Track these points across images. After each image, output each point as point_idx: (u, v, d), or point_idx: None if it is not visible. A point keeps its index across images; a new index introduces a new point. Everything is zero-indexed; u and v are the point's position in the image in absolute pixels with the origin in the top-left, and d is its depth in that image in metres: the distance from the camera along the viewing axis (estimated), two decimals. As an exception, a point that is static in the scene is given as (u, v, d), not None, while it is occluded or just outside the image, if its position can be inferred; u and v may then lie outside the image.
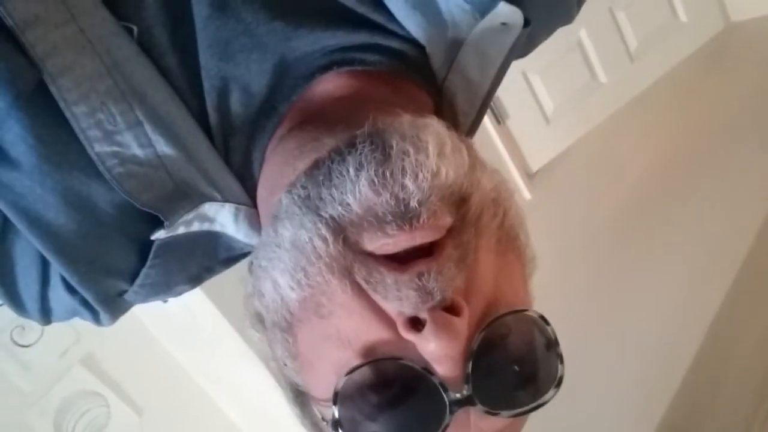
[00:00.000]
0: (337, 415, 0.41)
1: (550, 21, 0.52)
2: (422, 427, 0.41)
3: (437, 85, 0.50)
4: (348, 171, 0.40)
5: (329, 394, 0.41)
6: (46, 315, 0.50)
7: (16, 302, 0.50)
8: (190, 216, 0.48)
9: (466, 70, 0.49)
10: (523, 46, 0.50)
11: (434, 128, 0.41)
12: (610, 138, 2.12)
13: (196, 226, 0.48)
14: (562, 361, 0.43)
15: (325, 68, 0.47)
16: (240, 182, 0.50)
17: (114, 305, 0.50)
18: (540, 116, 2.10)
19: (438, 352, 0.38)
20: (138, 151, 0.45)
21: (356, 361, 0.41)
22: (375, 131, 0.41)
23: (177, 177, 0.46)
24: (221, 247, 0.54)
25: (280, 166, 0.47)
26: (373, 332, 0.41)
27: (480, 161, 0.44)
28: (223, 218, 0.50)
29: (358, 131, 0.41)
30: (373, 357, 0.41)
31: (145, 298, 0.52)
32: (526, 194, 2.03)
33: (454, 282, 0.40)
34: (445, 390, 0.40)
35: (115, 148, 0.44)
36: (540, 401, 0.42)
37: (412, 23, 0.47)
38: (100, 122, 0.43)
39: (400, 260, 0.40)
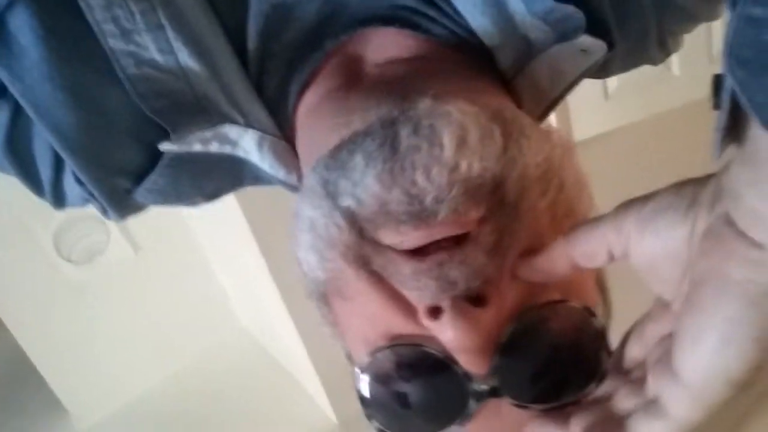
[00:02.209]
0: (360, 395, 0.41)
1: (627, 61, 0.49)
2: (446, 415, 0.40)
3: (504, 82, 0.47)
4: (358, 163, 0.38)
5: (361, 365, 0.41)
6: (59, 200, 0.50)
7: (34, 182, 0.49)
8: (207, 134, 0.45)
9: (536, 78, 0.46)
10: (598, 72, 0.47)
11: (455, 117, 0.38)
12: (662, 133, 2.08)
13: (215, 147, 0.46)
14: (609, 353, 0.41)
15: (387, 21, 0.44)
16: (271, 110, 0.47)
17: (121, 203, 0.49)
18: (601, 89, 2.05)
19: (455, 343, 0.37)
20: (157, 56, 0.42)
21: (381, 342, 0.40)
22: (390, 120, 0.38)
23: (198, 91, 0.44)
24: (247, 175, 0.52)
25: (315, 133, 0.45)
26: (396, 318, 0.40)
27: (522, 135, 0.40)
28: (246, 144, 0.47)
29: (377, 117, 0.39)
30: (396, 342, 0.40)
31: (154, 202, 0.50)
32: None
33: (481, 271, 0.37)
34: (470, 380, 0.39)
35: (132, 48, 0.42)
36: (576, 396, 0.39)
37: (478, 25, 0.44)
38: (116, 18, 0.41)
39: (420, 250, 0.38)
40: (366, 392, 0.42)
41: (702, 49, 2.03)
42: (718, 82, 0.30)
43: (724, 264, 0.30)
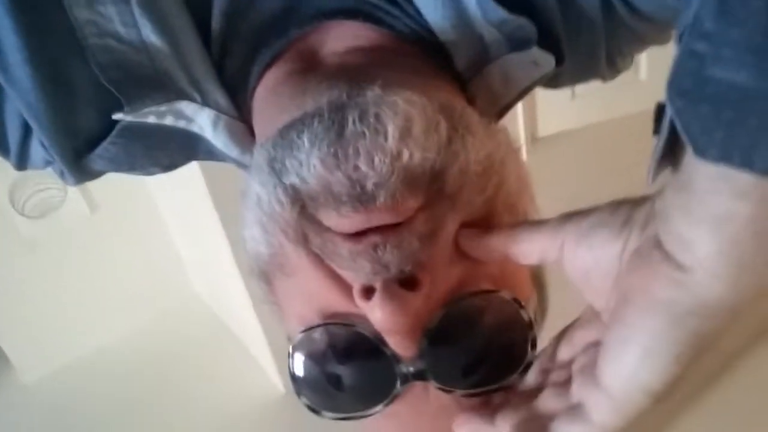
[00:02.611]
0: (292, 368, 0.42)
1: (577, 76, 0.51)
2: (373, 396, 0.41)
3: (460, 83, 0.48)
4: (304, 144, 0.39)
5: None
6: (23, 161, 0.51)
7: (1, 143, 0.50)
8: (162, 108, 0.46)
9: (490, 82, 0.47)
10: (548, 82, 0.49)
11: (401, 107, 0.39)
12: (625, 135, 2.12)
13: (169, 120, 0.47)
14: (534, 347, 0.42)
15: (351, 14, 0.46)
16: (230, 90, 0.48)
17: (76, 167, 0.50)
18: (568, 88, 2.08)
19: (383, 324, 0.38)
20: (120, 29, 0.43)
21: (316, 320, 0.41)
22: (339, 105, 0.40)
23: (158, 66, 0.45)
24: (201, 150, 0.52)
25: (270, 113, 0.46)
26: (332, 296, 0.41)
27: (467, 131, 0.42)
28: (201, 121, 0.48)
29: (327, 100, 0.40)
30: (330, 320, 0.41)
31: (107, 169, 0.51)
32: (523, 155, 2.03)
33: (414, 256, 0.38)
34: (398, 362, 0.40)
35: (96, 18, 0.42)
36: (499, 384, 0.41)
37: (438, 26, 0.46)
38: None
39: (358, 233, 0.39)
40: (297, 369, 0.43)
41: (669, 57, 2.07)
42: (660, 109, 0.31)
43: (650, 282, 0.32)
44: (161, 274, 1.66)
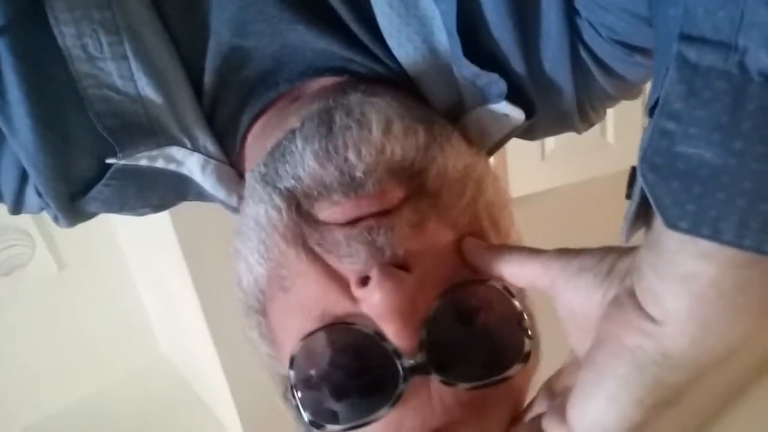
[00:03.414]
0: (293, 380, 0.42)
1: (550, 128, 0.53)
2: (376, 394, 0.41)
3: None
4: (297, 146, 0.42)
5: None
6: (18, 206, 0.53)
7: None
8: (154, 153, 0.49)
9: (467, 131, 0.50)
10: (523, 133, 0.52)
11: (382, 107, 0.42)
12: (594, 197, 2.16)
13: (160, 163, 0.50)
14: (529, 336, 0.43)
15: (337, 71, 0.49)
16: (219, 137, 0.51)
17: (70, 210, 0.52)
18: (538, 149, 2.12)
19: (382, 304, 0.39)
20: (118, 81, 0.46)
21: (316, 327, 0.42)
22: (326, 108, 0.43)
23: (152, 115, 0.47)
24: (191, 191, 0.55)
25: (260, 145, 0.49)
26: (331, 297, 0.42)
27: (446, 141, 0.45)
28: (191, 165, 0.51)
29: (316, 107, 0.43)
30: (328, 322, 0.42)
31: (100, 210, 0.53)
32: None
33: (407, 241, 0.41)
34: (399, 356, 0.41)
35: (96, 72, 0.45)
36: (501, 375, 0.42)
37: (418, 77, 0.48)
38: (85, 46, 0.44)
39: (351, 221, 0.42)
40: (297, 382, 0.42)
41: (636, 120, 2.13)
42: (633, 175, 0.33)
43: (621, 330, 0.34)
44: (128, 334, 1.63)
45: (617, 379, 0.34)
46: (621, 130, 2.13)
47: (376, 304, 0.39)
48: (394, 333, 0.41)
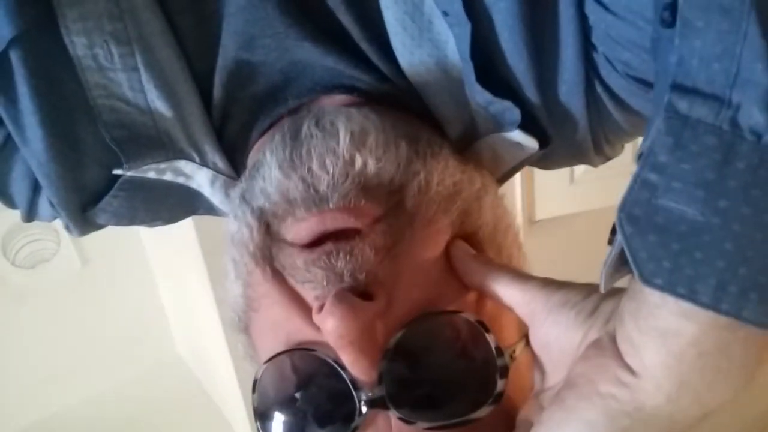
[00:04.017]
0: (255, 403, 0.42)
1: (565, 159, 0.52)
2: (334, 425, 0.39)
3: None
4: (266, 158, 0.41)
5: None
6: (31, 215, 0.53)
7: (7, 201, 0.53)
8: (162, 165, 0.48)
9: (481, 157, 0.48)
10: (538, 162, 0.50)
11: (356, 118, 0.40)
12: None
13: (169, 176, 0.49)
14: (504, 375, 0.39)
15: (346, 89, 0.47)
16: (228, 152, 0.50)
17: (81, 220, 0.52)
18: (568, 172, 2.11)
19: (334, 332, 0.37)
20: (128, 93, 0.45)
21: (280, 349, 0.41)
22: (298, 118, 0.42)
23: (161, 127, 0.47)
24: (201, 205, 0.54)
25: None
26: (295, 322, 0.41)
27: (434, 157, 0.43)
28: (200, 179, 0.50)
29: (288, 119, 0.42)
30: (291, 347, 0.41)
31: (109, 222, 0.53)
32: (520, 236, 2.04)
33: (369, 267, 0.38)
34: (356, 388, 0.39)
35: (106, 82, 0.45)
36: (466, 417, 0.38)
37: (431, 101, 0.47)
38: (96, 56, 0.44)
39: (314, 243, 0.40)
40: (260, 402, 0.42)
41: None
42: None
43: (597, 375, 0.33)
44: (146, 332, 1.64)
45: (584, 425, 0.33)
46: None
47: (328, 332, 0.37)
48: (349, 363, 0.38)
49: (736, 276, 0.28)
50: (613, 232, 0.32)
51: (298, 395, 0.41)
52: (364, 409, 0.39)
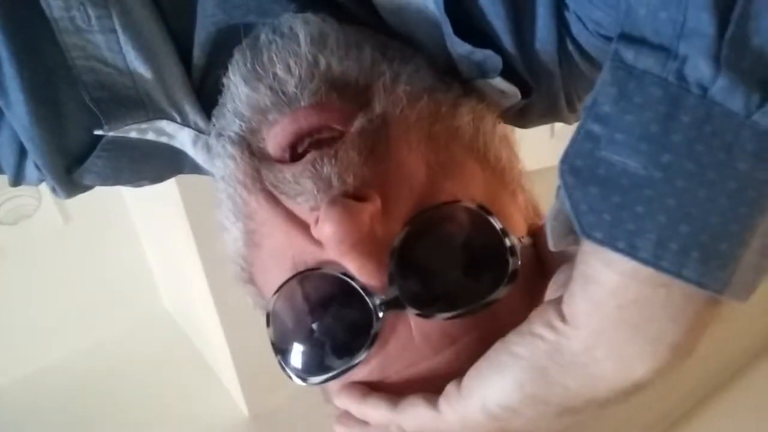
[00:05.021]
0: (271, 338, 0.42)
1: (542, 117, 0.52)
2: (353, 338, 0.39)
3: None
4: (230, 79, 0.41)
5: None
6: (18, 179, 0.53)
7: None
8: (143, 126, 0.48)
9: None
10: (516, 119, 0.51)
11: (315, 22, 0.40)
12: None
13: (151, 136, 0.49)
14: (513, 254, 0.40)
15: None
16: (208, 112, 0.50)
17: (67, 182, 0.52)
18: (548, 126, 2.11)
19: (334, 237, 0.36)
20: (107, 54, 0.45)
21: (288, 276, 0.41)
22: (254, 34, 0.41)
23: (141, 88, 0.47)
24: (186, 164, 0.55)
25: None
26: (297, 242, 0.41)
27: (406, 63, 0.43)
28: (182, 138, 0.50)
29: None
30: (298, 271, 0.41)
31: (95, 182, 0.53)
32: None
33: (355, 169, 0.38)
34: (369, 294, 0.38)
35: (84, 44, 0.44)
36: (485, 300, 0.39)
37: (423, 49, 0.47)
38: (73, 18, 0.44)
39: (299, 156, 0.40)
40: (276, 335, 0.42)
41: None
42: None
43: (535, 317, 0.34)
44: (131, 288, 1.64)
45: (510, 357, 0.34)
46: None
47: (328, 239, 0.37)
48: (356, 268, 0.38)
49: (678, 233, 0.27)
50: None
51: (313, 318, 0.41)
52: (380, 313, 0.38)
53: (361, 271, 0.38)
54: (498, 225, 0.40)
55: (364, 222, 0.37)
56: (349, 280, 0.39)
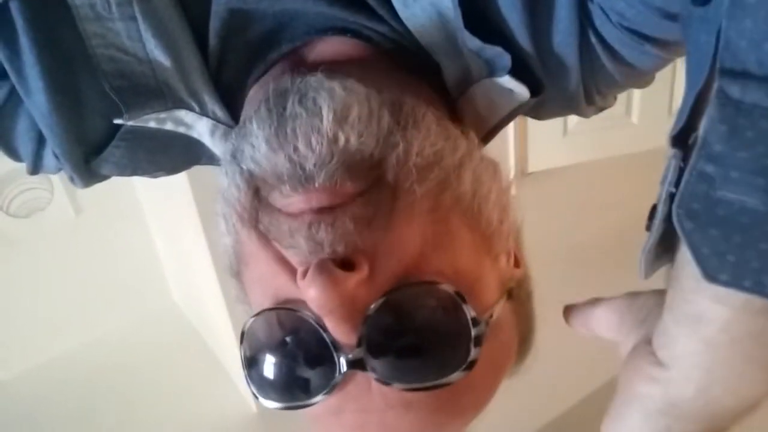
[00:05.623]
0: (241, 354, 0.43)
1: (557, 110, 0.51)
2: (314, 381, 0.41)
3: (451, 102, 0.50)
4: (253, 129, 0.41)
5: None
6: (36, 168, 0.54)
7: (13, 154, 0.54)
8: (162, 115, 0.48)
9: (475, 104, 0.48)
10: (530, 111, 0.50)
11: (338, 93, 0.41)
12: (614, 175, 2.13)
13: (170, 126, 0.50)
14: (477, 344, 0.41)
15: (340, 31, 0.47)
16: (226, 101, 0.51)
17: (84, 171, 0.52)
18: (561, 125, 2.10)
19: (316, 300, 0.38)
20: (127, 42, 0.45)
21: (267, 307, 0.42)
22: (282, 90, 0.42)
23: (160, 77, 0.47)
24: (203, 155, 0.55)
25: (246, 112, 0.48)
26: (280, 280, 0.42)
27: (414, 126, 0.43)
28: (200, 128, 0.50)
29: (272, 87, 0.42)
30: (277, 305, 0.42)
31: (113, 172, 0.53)
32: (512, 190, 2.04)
33: (349, 238, 0.39)
34: (337, 349, 0.40)
35: (104, 32, 0.45)
36: (439, 381, 0.40)
37: (427, 46, 0.47)
38: (94, 5, 0.44)
39: (296, 214, 0.41)
40: (246, 354, 0.43)
41: (662, 102, 2.10)
42: (654, 209, 0.32)
43: (633, 376, 0.34)
44: (141, 281, 1.65)
45: (628, 429, 0.33)
46: (646, 111, 2.09)
47: (311, 301, 0.38)
48: (331, 326, 0.40)
49: None
50: (651, 217, 0.32)
51: (282, 350, 0.42)
52: (344, 368, 0.40)
53: (334, 330, 0.40)
54: (470, 314, 0.41)
55: (348, 291, 0.38)
56: (321, 331, 0.40)
